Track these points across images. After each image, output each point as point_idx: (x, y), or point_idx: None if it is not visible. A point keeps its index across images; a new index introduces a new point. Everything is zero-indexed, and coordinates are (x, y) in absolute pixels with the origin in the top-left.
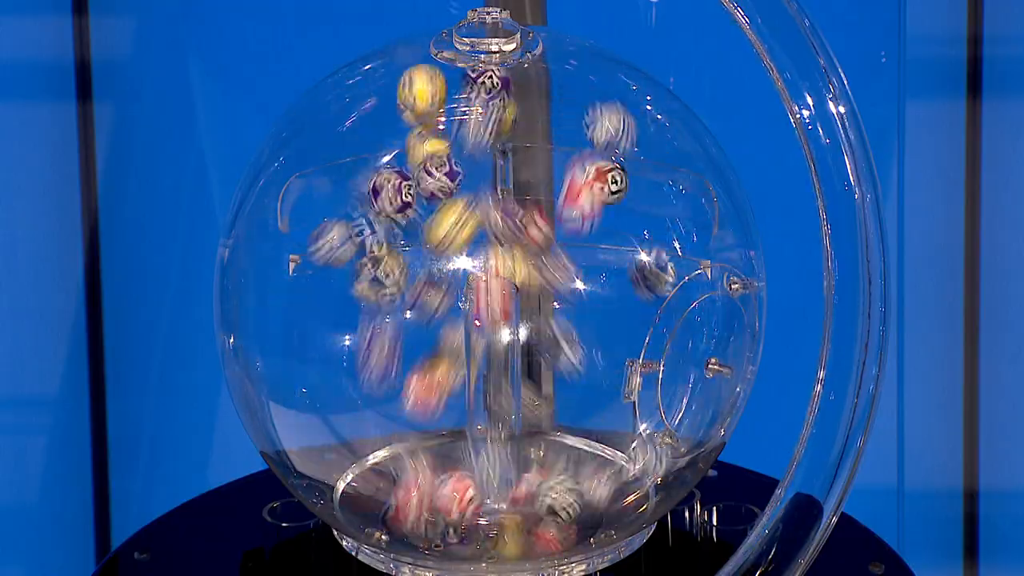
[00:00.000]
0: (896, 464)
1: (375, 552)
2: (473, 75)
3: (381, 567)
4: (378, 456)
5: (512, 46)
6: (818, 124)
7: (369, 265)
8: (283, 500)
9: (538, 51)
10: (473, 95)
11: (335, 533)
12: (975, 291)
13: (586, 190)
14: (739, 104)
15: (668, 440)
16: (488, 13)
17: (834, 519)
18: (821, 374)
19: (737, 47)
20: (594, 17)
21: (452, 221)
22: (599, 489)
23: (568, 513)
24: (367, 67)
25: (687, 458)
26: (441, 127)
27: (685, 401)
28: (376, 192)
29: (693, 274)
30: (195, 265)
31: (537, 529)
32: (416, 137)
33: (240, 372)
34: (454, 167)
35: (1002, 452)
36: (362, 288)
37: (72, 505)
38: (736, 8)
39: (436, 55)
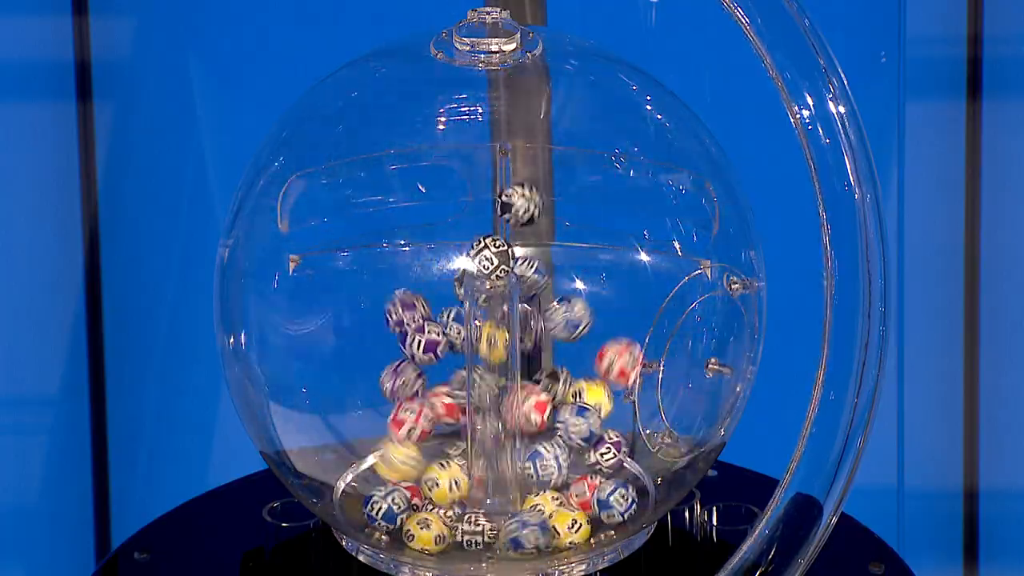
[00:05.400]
0: (896, 464)
1: (375, 552)
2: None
3: (381, 567)
4: (378, 456)
5: (512, 46)
6: (818, 124)
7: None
8: (283, 500)
9: (538, 51)
10: None
11: (335, 533)
12: (975, 291)
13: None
14: (739, 104)
15: (668, 440)
16: (488, 13)
17: (834, 519)
18: (821, 374)
19: (737, 47)
20: (594, 17)
21: None
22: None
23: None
24: (367, 67)
25: (687, 458)
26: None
27: (685, 401)
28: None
29: (693, 274)
30: (195, 265)
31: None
32: None
33: (240, 372)
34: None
35: (1002, 452)
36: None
37: (72, 505)
38: (736, 8)
39: (436, 55)
